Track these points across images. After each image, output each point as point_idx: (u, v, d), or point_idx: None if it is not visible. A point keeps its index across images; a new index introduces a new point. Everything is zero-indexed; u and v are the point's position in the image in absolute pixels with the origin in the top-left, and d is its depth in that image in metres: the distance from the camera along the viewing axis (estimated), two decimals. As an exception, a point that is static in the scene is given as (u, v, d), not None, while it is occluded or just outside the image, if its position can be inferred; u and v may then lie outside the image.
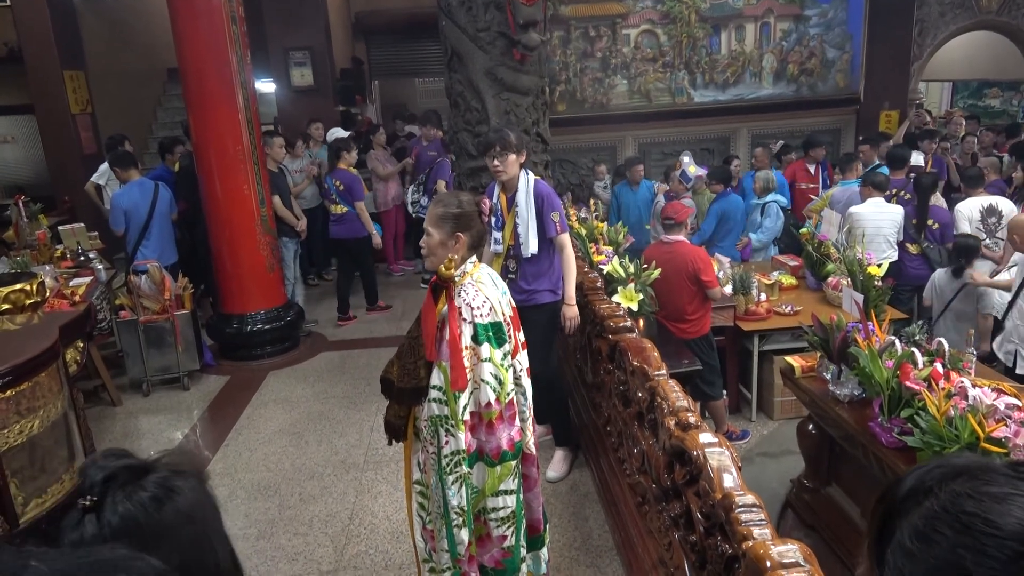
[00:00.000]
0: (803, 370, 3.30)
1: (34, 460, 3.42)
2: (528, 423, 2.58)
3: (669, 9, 8.38)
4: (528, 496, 2.67)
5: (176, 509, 0.95)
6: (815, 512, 3.34)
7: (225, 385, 5.43)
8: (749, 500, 1.87)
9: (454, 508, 2.33)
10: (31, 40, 7.81)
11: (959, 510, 0.66)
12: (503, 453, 2.39)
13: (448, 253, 2.36)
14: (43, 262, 5.37)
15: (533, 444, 2.64)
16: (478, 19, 4.69)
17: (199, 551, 0.97)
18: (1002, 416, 2.42)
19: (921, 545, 0.67)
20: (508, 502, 2.46)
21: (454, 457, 2.30)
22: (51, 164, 8.26)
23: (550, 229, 3.60)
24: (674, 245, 4.29)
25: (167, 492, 0.96)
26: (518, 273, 3.71)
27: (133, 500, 0.93)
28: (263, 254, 5.68)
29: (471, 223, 2.40)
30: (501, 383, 2.35)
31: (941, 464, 0.72)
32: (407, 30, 11.31)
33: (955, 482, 0.69)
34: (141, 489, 0.95)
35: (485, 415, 2.35)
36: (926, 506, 0.68)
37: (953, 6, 8.94)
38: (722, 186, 6.11)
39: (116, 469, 0.96)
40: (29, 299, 3.96)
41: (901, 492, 0.72)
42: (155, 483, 0.96)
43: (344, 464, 4.16)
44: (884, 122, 8.90)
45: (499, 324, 2.36)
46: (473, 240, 2.42)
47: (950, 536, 0.65)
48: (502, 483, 2.43)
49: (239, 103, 5.39)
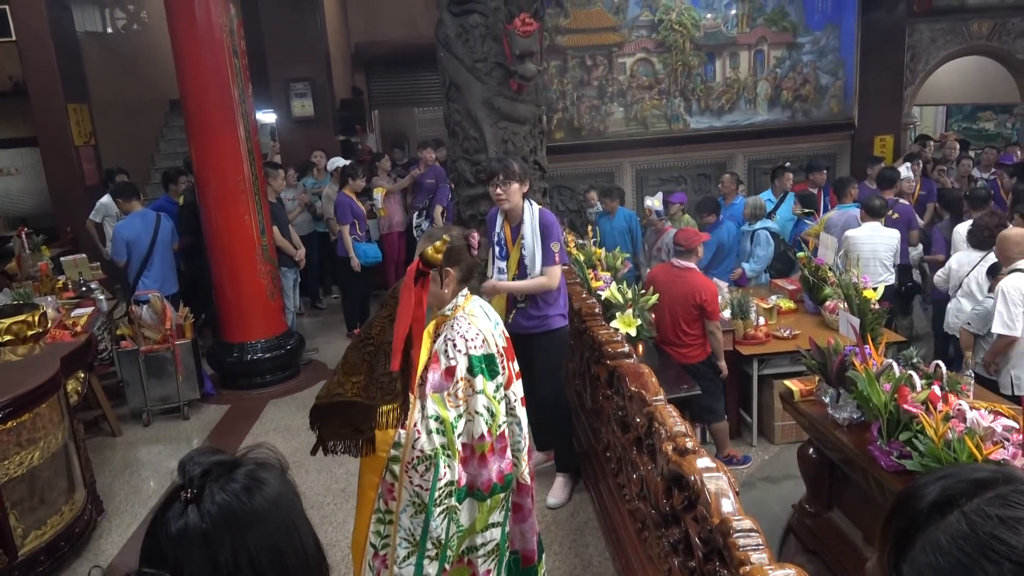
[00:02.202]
0: (802, 394, 3.31)
1: (34, 491, 3.42)
2: (523, 453, 2.57)
3: (664, 38, 8.51)
4: (523, 527, 2.66)
5: (265, 497, 1.06)
6: (817, 537, 3.32)
7: (225, 414, 5.42)
8: (747, 525, 1.87)
9: (432, 539, 2.29)
10: (36, 74, 7.92)
11: (985, 532, 0.66)
12: (493, 486, 2.37)
13: (438, 288, 2.37)
14: (45, 293, 5.40)
15: (528, 474, 2.63)
16: (475, 50, 4.78)
17: (287, 535, 1.07)
18: (1000, 438, 2.43)
19: (941, 560, 0.67)
20: (494, 535, 2.45)
21: (447, 488, 2.28)
22: (54, 196, 8.34)
23: (548, 258, 3.60)
24: (684, 272, 4.29)
25: (256, 482, 1.07)
26: (528, 302, 3.72)
27: (228, 490, 1.04)
28: (263, 282, 5.71)
29: (460, 257, 2.40)
30: (493, 415, 2.35)
31: (964, 476, 0.72)
32: (406, 60, 11.46)
33: (981, 499, 0.69)
34: (233, 481, 1.06)
35: (478, 448, 2.33)
36: (950, 521, 0.69)
37: (944, 32, 9.08)
38: (714, 216, 6.16)
39: (211, 464, 1.07)
40: (31, 330, 3.99)
41: (924, 502, 0.72)
42: (245, 475, 1.07)
43: (344, 493, 4.14)
44: (879, 147, 8.99)
45: (492, 356, 2.37)
46: (462, 273, 2.43)
47: (972, 555, 0.66)
48: (491, 516, 2.41)
49: (240, 134, 5.46)
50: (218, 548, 1.00)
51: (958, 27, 9.04)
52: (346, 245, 6.59)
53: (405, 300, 2.11)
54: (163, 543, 1.02)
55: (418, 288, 2.15)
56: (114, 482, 4.49)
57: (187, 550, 1.00)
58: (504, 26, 4.69)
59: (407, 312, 2.10)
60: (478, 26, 4.77)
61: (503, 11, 4.74)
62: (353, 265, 6.64)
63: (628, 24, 8.47)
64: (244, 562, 1.01)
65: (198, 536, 1.00)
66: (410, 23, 11.12)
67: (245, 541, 1.02)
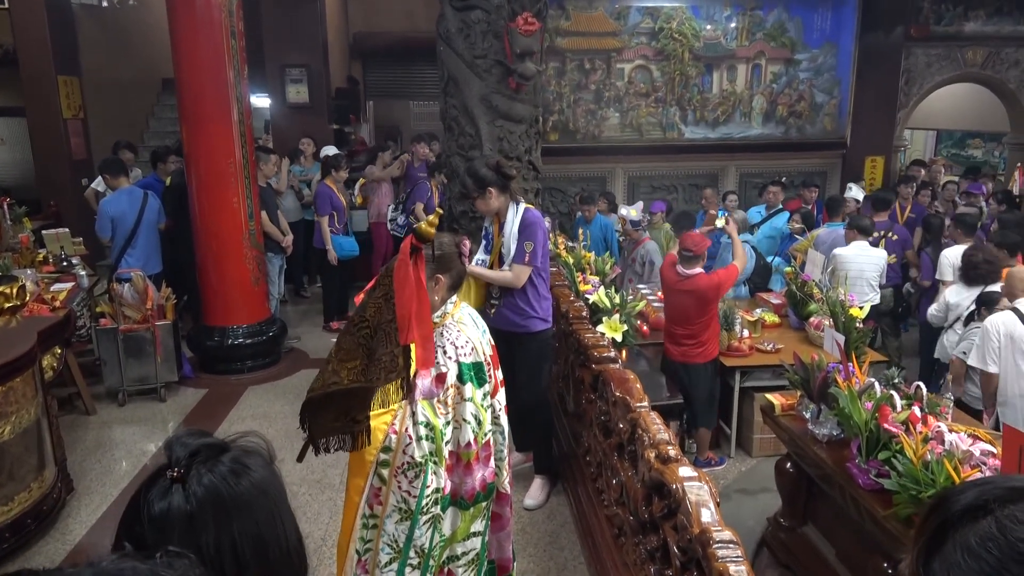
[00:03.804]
0: (783, 408, 3.32)
1: (2, 467, 3.35)
2: (504, 463, 2.56)
3: (663, 47, 8.54)
4: (500, 536, 2.65)
5: (252, 484, 1.04)
6: (790, 551, 3.33)
7: (203, 398, 5.36)
8: (726, 536, 1.87)
9: (416, 547, 2.28)
10: (27, 44, 7.79)
11: (1014, 536, 0.67)
12: (476, 495, 2.36)
13: (429, 294, 2.36)
14: (25, 266, 5.31)
15: (508, 483, 2.63)
16: (476, 46, 4.75)
17: (271, 526, 1.05)
18: (977, 462, 2.45)
19: (970, 561, 0.68)
20: (475, 544, 2.43)
21: (434, 495, 2.26)
22: (39, 168, 8.20)
23: (518, 255, 3.58)
24: (694, 278, 4.25)
25: (243, 467, 1.05)
26: (501, 300, 3.71)
27: (215, 473, 1.02)
28: (249, 268, 5.65)
29: (451, 264, 2.39)
30: (480, 423, 2.33)
31: (1001, 483, 0.74)
32: (404, 53, 11.41)
33: (1016, 506, 0.70)
34: (220, 464, 1.04)
35: (464, 455, 2.31)
36: (982, 524, 0.70)
37: (939, 58, 9.18)
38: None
39: (198, 446, 1.05)
40: (8, 302, 3.91)
41: (958, 505, 0.73)
42: (232, 459, 1.05)
43: (320, 484, 4.11)
44: (870, 168, 9.07)
45: (480, 364, 2.35)
46: (453, 281, 2.42)
47: (999, 557, 0.67)
48: (472, 525, 2.40)
49: (234, 117, 5.40)
50: (201, 532, 0.97)
51: (953, 54, 9.14)
52: (324, 237, 6.55)
53: (401, 276, 2.09)
54: (144, 523, 0.98)
55: (414, 265, 2.12)
56: (85, 461, 4.43)
57: (168, 532, 0.97)
58: (506, 24, 4.67)
59: (406, 287, 2.08)
60: (480, 22, 4.75)
61: (506, 8, 4.72)
62: (330, 258, 6.60)
63: (629, 30, 8.50)
64: (226, 549, 0.98)
65: (182, 518, 0.97)
66: (409, 16, 11.09)
67: (230, 527, 0.99)
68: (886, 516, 2.46)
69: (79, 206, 7.58)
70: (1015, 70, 9.19)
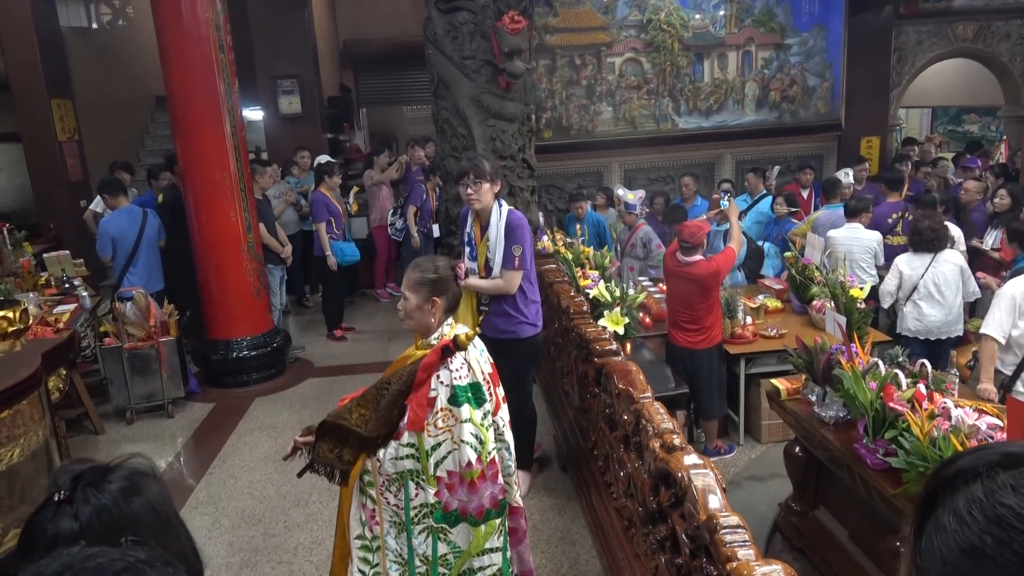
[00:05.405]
0: (789, 392, 3.32)
1: (13, 489, 3.36)
2: (513, 478, 2.57)
3: (653, 38, 8.53)
4: (519, 549, 2.67)
5: (143, 501, 1.05)
6: (803, 535, 3.33)
7: (210, 412, 5.37)
8: (733, 521, 1.87)
9: (419, 556, 2.36)
10: (18, 68, 7.82)
11: (997, 500, 0.67)
12: (487, 512, 2.38)
13: (425, 317, 2.39)
14: (27, 289, 5.33)
15: (520, 497, 2.65)
16: (464, 47, 4.76)
17: (166, 541, 1.04)
18: (984, 436, 2.44)
19: (954, 524, 0.68)
20: (494, 559, 2.45)
21: (423, 509, 2.34)
22: (37, 192, 8.22)
23: (507, 261, 3.55)
24: (693, 265, 4.26)
25: (132, 486, 1.06)
26: (491, 307, 3.68)
27: (103, 493, 1.03)
28: (249, 280, 5.66)
29: (447, 287, 2.42)
30: (482, 443, 2.35)
31: (998, 449, 0.74)
32: (394, 58, 11.41)
33: (1006, 472, 0.70)
34: (108, 483, 1.05)
35: (466, 475, 2.33)
36: (972, 488, 0.70)
37: (930, 34, 9.15)
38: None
39: (82, 470, 1.06)
40: (12, 327, 3.93)
41: (951, 471, 0.73)
42: (120, 478, 1.06)
43: (330, 491, 4.09)
44: (865, 148, 9.05)
45: (478, 384, 2.36)
46: (449, 303, 2.44)
47: (981, 521, 0.67)
48: (487, 542, 2.42)
49: (226, 130, 5.41)
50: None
51: (944, 29, 9.12)
52: (322, 243, 6.57)
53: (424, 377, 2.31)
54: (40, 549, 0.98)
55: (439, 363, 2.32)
56: (96, 481, 4.43)
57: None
58: (493, 23, 4.68)
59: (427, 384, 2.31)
60: (467, 23, 4.76)
61: (492, 8, 4.73)
62: (330, 264, 6.61)
63: (617, 24, 8.49)
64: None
65: (72, 539, 0.97)
66: (398, 21, 11.08)
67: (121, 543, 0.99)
68: (896, 495, 2.46)
69: (78, 228, 7.60)
70: (1006, 42, 9.16)
